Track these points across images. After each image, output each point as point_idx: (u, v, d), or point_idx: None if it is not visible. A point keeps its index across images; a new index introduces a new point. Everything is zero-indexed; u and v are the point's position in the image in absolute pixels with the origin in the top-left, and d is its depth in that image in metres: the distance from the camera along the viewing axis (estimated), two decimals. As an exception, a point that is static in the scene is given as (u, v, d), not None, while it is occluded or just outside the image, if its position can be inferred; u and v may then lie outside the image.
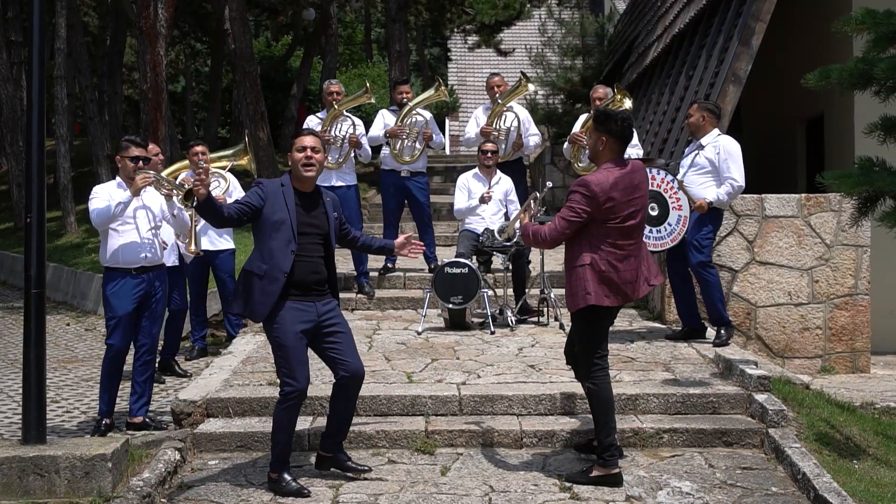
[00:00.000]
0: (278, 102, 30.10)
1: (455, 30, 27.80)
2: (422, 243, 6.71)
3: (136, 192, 7.26)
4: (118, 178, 7.46)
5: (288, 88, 29.67)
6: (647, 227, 7.85)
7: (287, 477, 5.88)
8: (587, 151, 9.94)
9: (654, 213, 8.01)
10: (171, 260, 8.73)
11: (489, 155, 10.11)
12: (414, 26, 30.39)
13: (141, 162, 7.37)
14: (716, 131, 8.55)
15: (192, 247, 7.88)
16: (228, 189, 9.81)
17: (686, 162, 8.59)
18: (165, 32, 15.34)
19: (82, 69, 21.96)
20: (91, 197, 7.39)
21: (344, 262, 9.75)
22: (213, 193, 9.54)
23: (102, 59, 27.32)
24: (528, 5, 25.64)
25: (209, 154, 9.88)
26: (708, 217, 8.39)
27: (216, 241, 9.77)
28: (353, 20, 41.24)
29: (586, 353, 6.02)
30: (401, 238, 6.53)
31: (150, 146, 9.13)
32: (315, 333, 5.91)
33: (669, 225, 8.10)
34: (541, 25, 23.84)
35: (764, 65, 12.46)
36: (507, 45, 29.82)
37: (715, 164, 8.38)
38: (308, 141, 5.97)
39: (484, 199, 9.86)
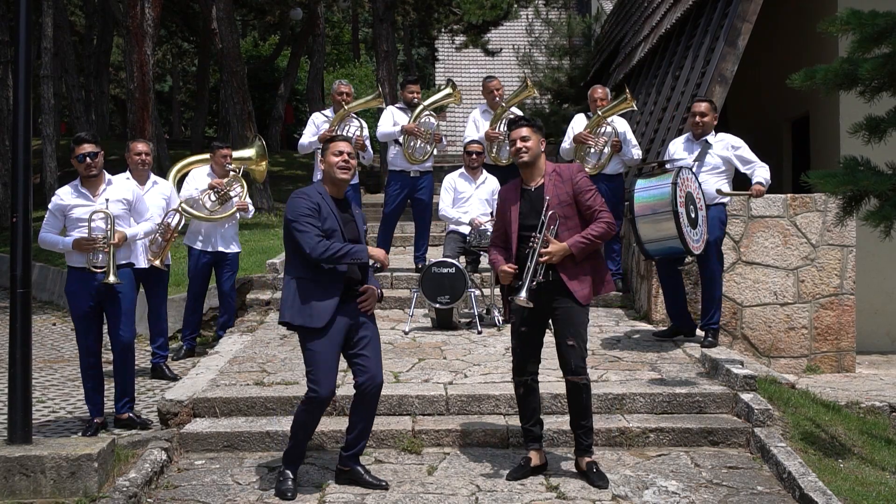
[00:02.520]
0: (266, 102, 30.11)
1: (442, 30, 27.79)
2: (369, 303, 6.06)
3: (75, 248, 7.14)
4: (76, 181, 7.33)
5: (275, 88, 29.67)
6: (690, 230, 7.68)
7: (287, 473, 5.89)
8: (593, 152, 10.03)
9: (692, 216, 7.78)
10: (140, 262, 8.59)
11: (474, 156, 10.14)
12: (401, 26, 30.41)
13: (88, 158, 7.21)
14: (714, 130, 8.64)
15: (111, 277, 7.16)
16: (244, 194, 9.81)
17: (690, 161, 8.49)
18: (152, 32, 15.32)
19: (69, 68, 21.92)
20: (49, 205, 7.30)
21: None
22: (234, 200, 9.62)
23: (89, 58, 27.25)
24: (516, 5, 25.65)
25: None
26: (724, 215, 8.46)
27: (231, 244, 9.78)
28: (341, 20, 41.25)
29: (586, 344, 6.11)
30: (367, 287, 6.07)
31: (142, 144, 9.09)
32: (348, 336, 5.89)
33: (700, 227, 7.92)
34: (528, 25, 23.88)
35: (750, 65, 12.50)
36: (494, 45, 29.81)
37: (729, 161, 8.43)
38: (344, 146, 6.00)
39: (474, 225, 9.82)
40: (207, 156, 10.03)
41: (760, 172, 8.42)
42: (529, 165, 6.13)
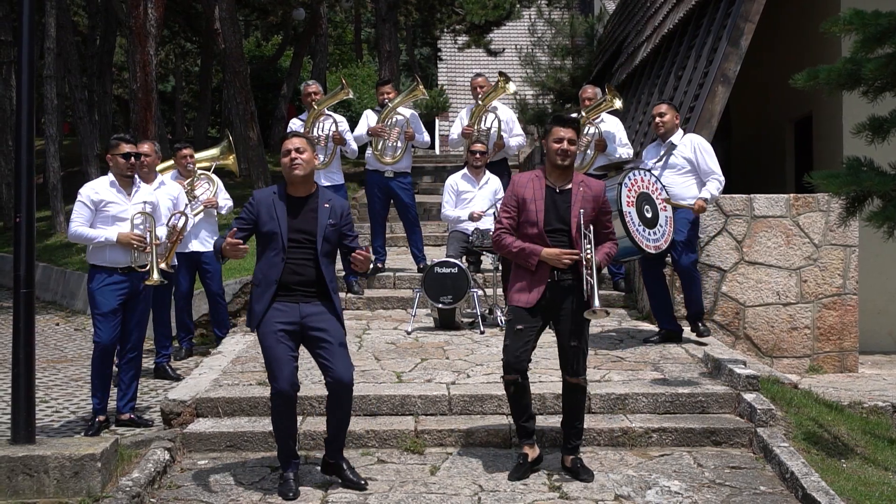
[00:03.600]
0: (268, 102, 30.07)
1: (445, 30, 27.78)
2: (362, 261, 6.03)
3: (120, 243, 7.26)
4: (111, 175, 7.43)
5: (278, 88, 29.65)
6: (645, 230, 7.74)
7: (287, 475, 5.90)
8: (580, 153, 10.05)
9: (648, 216, 7.80)
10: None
11: (477, 156, 10.15)
12: (404, 26, 30.43)
13: (133, 158, 7.36)
14: (680, 130, 8.65)
15: (155, 275, 7.38)
16: (216, 191, 9.82)
17: (653, 163, 8.56)
18: (155, 32, 15.32)
19: (72, 69, 21.90)
20: (78, 198, 7.37)
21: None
22: (203, 197, 9.64)
23: (92, 58, 27.23)
24: (518, 5, 25.64)
25: (195, 155, 9.95)
26: (691, 216, 8.43)
27: (206, 241, 9.75)
28: (343, 20, 41.24)
29: (587, 347, 6.17)
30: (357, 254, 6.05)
31: (146, 145, 9.09)
32: (302, 336, 5.89)
33: (661, 227, 7.91)
34: (530, 25, 23.83)
35: (753, 65, 12.49)
36: (496, 45, 29.82)
37: (693, 162, 8.44)
38: (292, 143, 5.96)
39: (473, 218, 9.84)
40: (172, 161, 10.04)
41: (710, 186, 8.44)
42: (568, 169, 6.12)
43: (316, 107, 10.61)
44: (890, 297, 11.11)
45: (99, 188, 7.38)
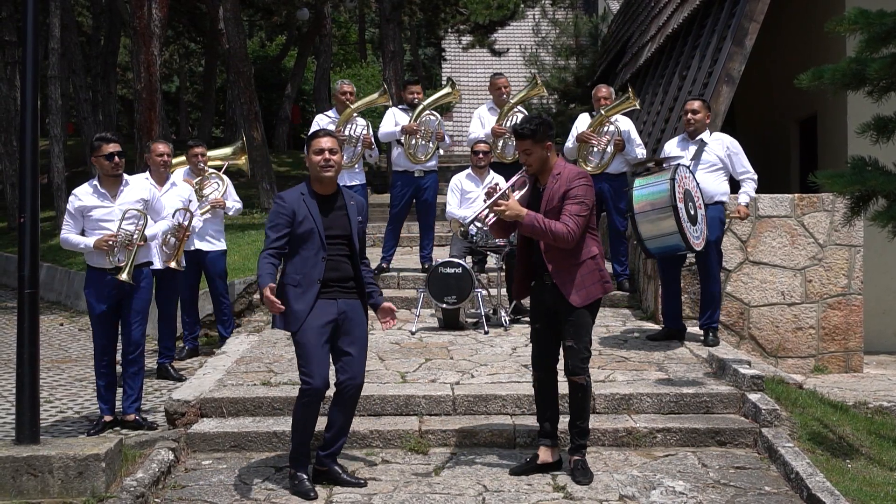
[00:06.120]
0: (272, 102, 30.11)
1: (449, 30, 27.79)
2: (392, 321, 6.22)
3: (96, 247, 7.18)
4: (95, 179, 7.38)
5: (282, 88, 29.70)
6: (690, 226, 7.64)
7: (301, 475, 5.89)
8: (596, 151, 10.04)
9: (691, 213, 7.71)
10: (155, 263, 8.58)
11: (481, 156, 10.14)
12: (408, 26, 30.40)
13: (117, 157, 7.28)
14: (708, 129, 8.68)
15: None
16: (226, 191, 9.80)
17: (687, 159, 8.52)
18: (159, 32, 15.32)
19: (76, 69, 21.94)
20: (68, 205, 7.37)
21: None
22: (212, 196, 9.59)
23: (96, 58, 27.24)
24: (522, 5, 25.64)
25: (208, 153, 9.96)
26: (723, 214, 8.54)
27: (212, 241, 9.71)
28: (347, 20, 41.24)
29: (586, 346, 6.10)
30: (386, 305, 6.15)
31: (163, 146, 9.08)
32: (334, 331, 5.89)
33: (699, 225, 7.83)
34: (535, 25, 23.83)
35: (757, 65, 12.48)
36: (501, 45, 29.80)
37: (723, 160, 8.47)
38: (325, 143, 5.93)
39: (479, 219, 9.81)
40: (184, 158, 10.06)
41: (748, 188, 8.53)
42: (538, 173, 6.16)
43: (351, 106, 10.65)
44: (895, 296, 11.09)
45: (81, 194, 7.33)
